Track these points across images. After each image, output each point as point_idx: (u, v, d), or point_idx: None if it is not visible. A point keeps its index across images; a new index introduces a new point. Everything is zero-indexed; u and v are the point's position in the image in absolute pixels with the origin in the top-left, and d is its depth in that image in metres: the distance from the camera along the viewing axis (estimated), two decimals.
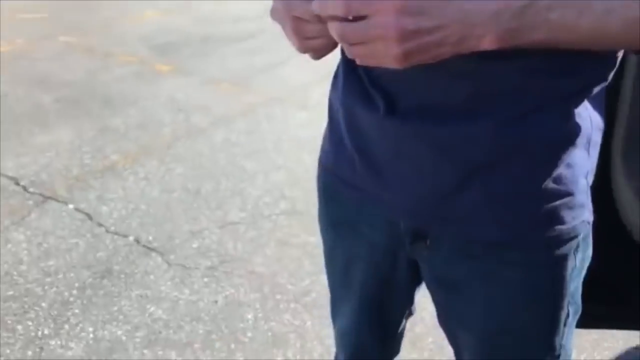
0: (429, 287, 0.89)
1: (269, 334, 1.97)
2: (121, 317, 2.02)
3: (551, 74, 0.68)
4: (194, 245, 2.38)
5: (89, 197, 2.67)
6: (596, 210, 1.02)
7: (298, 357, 1.88)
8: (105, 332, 1.95)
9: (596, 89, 0.74)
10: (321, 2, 0.62)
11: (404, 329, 1.06)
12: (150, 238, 2.42)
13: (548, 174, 0.73)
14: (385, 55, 0.61)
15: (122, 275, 2.21)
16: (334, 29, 0.62)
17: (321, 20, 0.65)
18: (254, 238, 2.43)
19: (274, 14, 0.72)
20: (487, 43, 0.61)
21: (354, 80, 0.79)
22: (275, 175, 2.86)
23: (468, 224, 0.76)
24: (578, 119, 0.73)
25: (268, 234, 2.45)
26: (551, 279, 0.78)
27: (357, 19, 0.60)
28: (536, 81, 0.69)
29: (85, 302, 2.07)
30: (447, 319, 0.90)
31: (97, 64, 4.25)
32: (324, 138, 0.91)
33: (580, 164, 0.75)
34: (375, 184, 0.81)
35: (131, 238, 2.41)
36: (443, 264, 0.82)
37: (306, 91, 3.73)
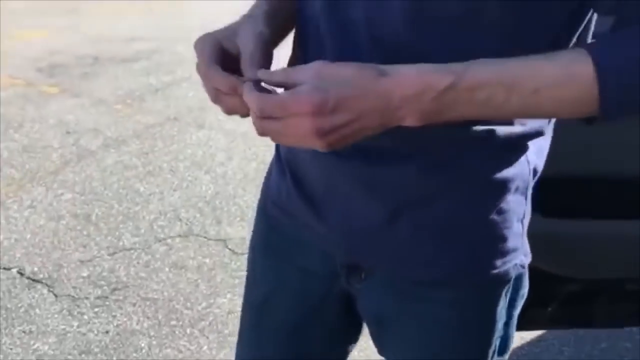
0: (365, 321, 0.89)
1: None
2: (1, 356, 1.88)
3: (480, 123, 0.67)
4: (84, 274, 2.27)
5: None
6: None
7: None
8: None
9: (533, 137, 0.72)
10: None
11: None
12: (36, 269, 2.28)
13: (477, 216, 0.73)
14: (305, 143, 0.62)
15: (3, 311, 2.07)
16: (253, 120, 0.62)
17: (238, 93, 0.65)
18: (147, 263, 2.35)
19: (199, 71, 0.70)
20: (410, 122, 0.60)
21: None
22: (171, 197, 2.79)
23: (397, 261, 0.77)
24: (514, 164, 0.72)
25: (163, 258, 2.38)
26: (480, 318, 0.79)
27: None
28: (468, 131, 0.67)
29: None
30: (383, 351, 0.89)
31: None
32: (271, 164, 0.91)
33: (515, 209, 0.75)
34: (310, 216, 0.81)
35: (14, 270, 2.27)
36: (376, 299, 0.82)
37: (203, 111, 3.68)
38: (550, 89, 0.58)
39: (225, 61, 0.68)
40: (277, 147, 0.88)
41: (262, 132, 0.63)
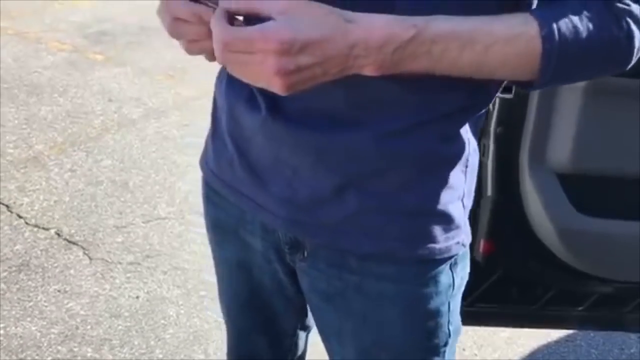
0: (307, 298, 0.88)
1: (191, 330, 1.94)
2: (36, 312, 1.95)
3: (432, 90, 0.68)
4: (118, 240, 2.33)
5: (9, 188, 2.57)
6: (505, 217, 1.05)
7: (219, 354, 1.86)
8: (19, 328, 1.88)
9: (476, 112, 0.75)
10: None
11: (305, 349, 1.03)
12: (73, 231, 2.35)
13: (423, 191, 0.74)
14: (264, 81, 0.61)
15: (40, 270, 2.13)
16: (215, 49, 0.62)
17: (202, 21, 0.64)
18: (180, 233, 2.39)
19: (159, 13, 0.70)
20: (368, 71, 0.62)
21: (237, 78, 0.79)
22: None
23: (342, 235, 0.76)
24: (457, 140, 0.74)
25: (195, 230, 2.42)
26: (424, 295, 0.78)
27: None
28: (416, 95, 0.69)
29: None
30: (325, 332, 0.88)
31: (26, 51, 4.09)
32: (207, 138, 0.89)
33: (456, 186, 0.76)
34: (254, 189, 0.80)
35: (52, 231, 2.34)
36: (319, 275, 0.81)
37: None
38: (499, 47, 0.63)
39: None
40: (215, 119, 0.86)
41: (223, 62, 0.63)
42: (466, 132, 0.75)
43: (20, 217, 2.40)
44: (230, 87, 0.79)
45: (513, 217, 1.23)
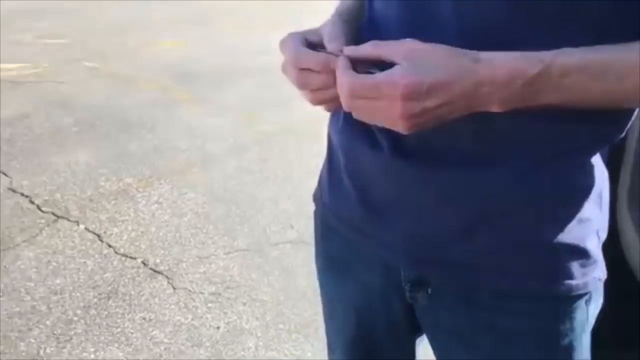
0: (429, 336, 0.86)
1: None
2: (123, 338, 2.03)
3: (564, 121, 0.67)
4: (201, 270, 2.40)
5: (100, 218, 2.71)
6: (605, 263, 1.02)
7: None
8: (107, 353, 1.96)
9: (609, 142, 0.73)
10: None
11: None
12: (158, 261, 2.44)
13: (560, 226, 0.71)
14: (389, 124, 0.63)
15: (127, 297, 2.22)
16: (341, 97, 0.64)
17: (327, 70, 0.66)
18: (259, 265, 2.44)
19: (284, 69, 0.73)
20: (495, 107, 0.61)
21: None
22: (285, 204, 2.88)
23: (472, 271, 0.74)
24: (592, 172, 0.72)
25: (274, 262, 2.46)
26: (560, 332, 0.76)
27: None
28: (550, 128, 0.67)
29: (88, 322, 2.09)
30: None
31: (118, 89, 4.34)
32: (322, 173, 0.90)
33: (593, 220, 0.74)
34: (374, 225, 0.79)
35: (139, 260, 2.44)
36: (446, 313, 0.79)
37: (320, 123, 3.76)
38: (634, 76, 0.60)
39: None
40: (331, 156, 0.86)
41: (349, 109, 0.64)
42: (598, 162, 0.73)
43: (110, 246, 2.52)
44: (349, 127, 0.79)
45: (613, 263, 1.18)
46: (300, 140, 3.62)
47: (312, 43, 0.71)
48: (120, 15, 6.48)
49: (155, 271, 2.38)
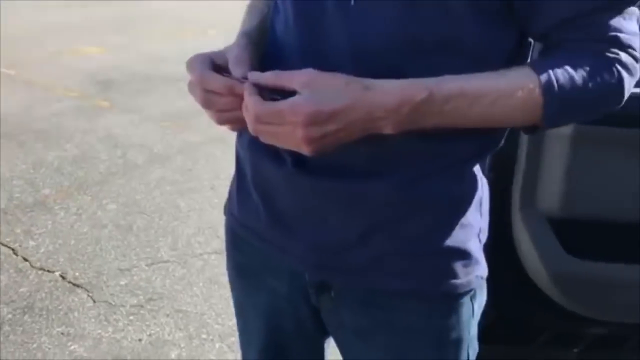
0: (334, 336, 0.92)
1: None
2: (40, 354, 1.97)
3: (445, 140, 0.74)
4: (122, 283, 2.36)
5: (15, 231, 2.62)
6: (499, 261, 1.11)
7: None
8: None
9: (487, 155, 0.82)
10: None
11: None
12: (77, 274, 2.38)
13: (444, 232, 0.79)
14: (294, 147, 0.69)
15: (44, 312, 2.16)
16: (247, 121, 0.69)
17: (233, 94, 0.71)
18: (183, 276, 2.42)
19: (190, 88, 0.76)
20: (387, 130, 0.69)
21: None
22: (210, 214, 2.87)
23: (369, 275, 0.81)
24: (472, 182, 0.80)
25: (198, 273, 2.45)
26: (449, 326, 0.84)
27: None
28: (431, 146, 0.75)
29: (2, 339, 2.01)
30: None
31: (35, 98, 4.20)
32: (231, 186, 0.94)
33: (474, 224, 0.82)
34: (280, 236, 0.84)
35: (57, 274, 2.37)
36: (348, 314, 0.86)
37: None
38: (504, 100, 0.69)
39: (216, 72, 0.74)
40: (240, 170, 0.91)
41: (256, 133, 0.70)
42: (478, 172, 0.81)
43: (25, 259, 2.44)
44: (254, 144, 0.83)
45: (506, 260, 1.27)
46: (226, 150, 3.62)
47: (219, 66, 0.75)
48: (39, 19, 6.26)
49: (74, 284, 2.32)
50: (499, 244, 1.24)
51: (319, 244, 0.81)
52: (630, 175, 1.19)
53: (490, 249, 0.88)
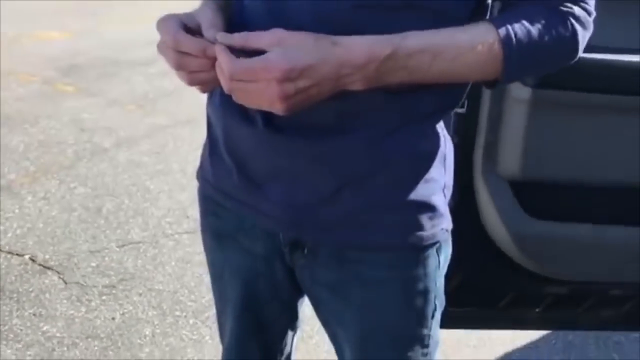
0: (308, 293, 0.95)
1: (167, 349, 1.98)
2: (11, 335, 1.97)
3: (410, 96, 0.78)
4: (93, 264, 2.36)
5: None
6: (463, 223, 1.16)
7: None
8: None
9: (450, 110, 0.86)
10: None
11: (291, 349, 1.09)
12: (47, 257, 2.37)
13: (410, 186, 0.83)
14: (267, 106, 0.71)
15: (15, 294, 2.15)
16: (221, 79, 0.71)
17: (206, 56, 0.73)
18: (155, 256, 2.43)
19: (160, 49, 0.77)
20: (356, 86, 0.71)
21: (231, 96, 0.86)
22: (180, 195, 2.87)
23: (341, 231, 0.85)
24: (435, 138, 0.84)
25: (169, 253, 2.46)
26: (416, 277, 0.88)
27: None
28: (397, 102, 0.78)
29: None
30: (329, 321, 0.96)
31: None
32: (203, 151, 0.96)
33: (439, 179, 0.86)
34: (253, 196, 0.87)
35: (27, 257, 2.36)
36: (320, 270, 0.89)
37: None
38: (465, 55, 0.73)
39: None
40: (211, 135, 0.92)
41: (229, 91, 0.72)
42: (442, 129, 0.85)
43: None
44: (225, 105, 0.85)
45: (470, 223, 1.32)
46: (194, 132, 3.61)
47: (190, 28, 0.77)
48: None
49: (44, 267, 2.31)
50: (463, 208, 1.29)
51: (291, 202, 0.84)
52: (586, 138, 1.25)
53: (455, 213, 0.92)
